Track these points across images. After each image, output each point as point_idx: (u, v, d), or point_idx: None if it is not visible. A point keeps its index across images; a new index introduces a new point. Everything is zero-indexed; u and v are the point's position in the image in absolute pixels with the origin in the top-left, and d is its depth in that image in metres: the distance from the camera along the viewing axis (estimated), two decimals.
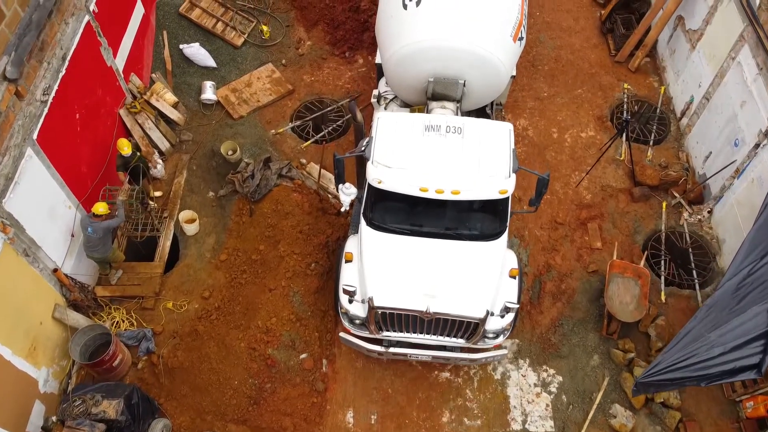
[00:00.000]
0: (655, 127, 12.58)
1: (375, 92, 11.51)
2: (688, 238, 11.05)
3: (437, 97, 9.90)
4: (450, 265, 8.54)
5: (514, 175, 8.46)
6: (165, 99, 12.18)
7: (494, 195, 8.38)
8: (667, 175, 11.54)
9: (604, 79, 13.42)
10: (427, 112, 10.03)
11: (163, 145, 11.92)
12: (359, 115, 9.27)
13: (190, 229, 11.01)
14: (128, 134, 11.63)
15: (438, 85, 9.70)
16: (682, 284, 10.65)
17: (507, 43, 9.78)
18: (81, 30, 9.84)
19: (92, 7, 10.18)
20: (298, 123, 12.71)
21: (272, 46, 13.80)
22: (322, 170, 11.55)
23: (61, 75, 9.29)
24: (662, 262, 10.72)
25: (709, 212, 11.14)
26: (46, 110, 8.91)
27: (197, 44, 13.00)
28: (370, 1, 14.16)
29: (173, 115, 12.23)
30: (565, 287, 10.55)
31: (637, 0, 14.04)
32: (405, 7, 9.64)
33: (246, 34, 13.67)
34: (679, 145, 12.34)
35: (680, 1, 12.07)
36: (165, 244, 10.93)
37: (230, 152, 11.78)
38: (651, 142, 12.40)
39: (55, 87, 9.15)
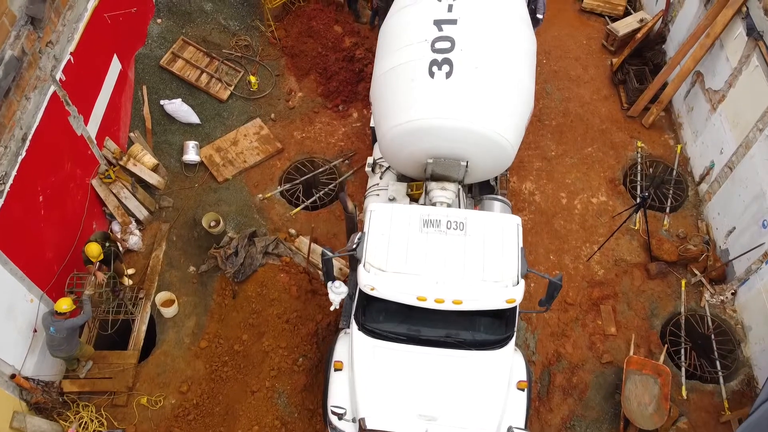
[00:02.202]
0: (671, 191, 11.68)
1: (369, 159, 10.62)
2: (710, 323, 10.15)
3: (437, 177, 8.99)
4: (451, 380, 7.64)
5: (522, 282, 7.55)
6: (143, 162, 11.30)
7: (501, 305, 7.48)
8: (687, 250, 10.64)
9: (616, 136, 12.51)
10: (425, 192, 9.14)
11: (141, 213, 11.03)
12: (350, 205, 8.37)
13: (168, 312, 10.12)
14: (102, 205, 10.74)
15: (438, 166, 8.79)
16: (704, 377, 9.75)
17: (517, 123, 8.88)
18: (45, 103, 8.96)
19: (59, 75, 9.29)
20: (287, 186, 11.81)
21: (261, 99, 12.90)
22: (313, 244, 10.65)
23: (20, 158, 8.41)
24: (682, 351, 9.81)
25: (732, 294, 10.24)
26: (1, 202, 8.02)
27: (179, 100, 12.09)
28: (366, 50, 13.28)
29: (152, 179, 11.35)
30: (576, 381, 9.64)
31: (651, 49, 13.14)
32: (432, 75, 8.51)
33: (233, 86, 12.76)
34: (698, 213, 11.44)
35: (699, 58, 11.16)
36: (140, 329, 10.03)
37: (213, 223, 10.89)
38: (668, 209, 11.50)
39: (13, 173, 8.26)
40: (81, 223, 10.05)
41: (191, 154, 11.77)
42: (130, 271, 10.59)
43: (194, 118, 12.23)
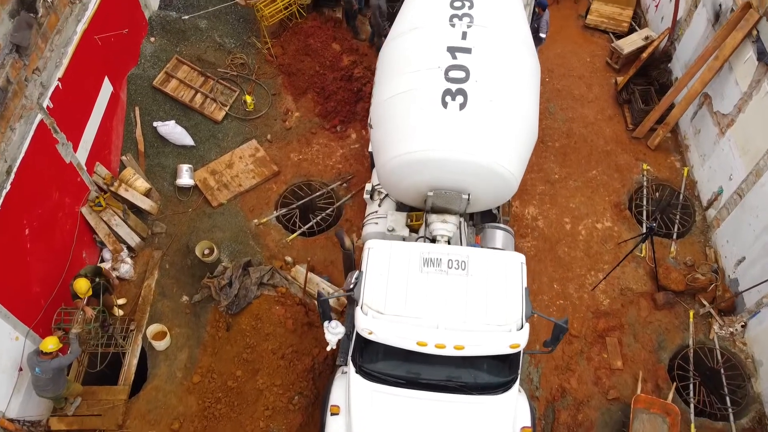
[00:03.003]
0: (678, 216, 11.36)
1: (367, 186, 10.28)
2: (719, 356, 9.83)
3: (438, 210, 8.67)
4: (453, 427, 7.32)
5: (527, 325, 7.23)
6: (135, 187, 10.98)
7: (504, 350, 7.16)
8: (695, 280, 10.33)
9: (621, 158, 12.20)
10: (425, 225, 8.81)
11: (133, 240, 10.71)
12: (347, 242, 8.06)
13: (160, 345, 9.79)
14: (92, 232, 10.43)
15: (439, 199, 8.47)
16: (714, 414, 9.43)
17: (522, 155, 8.58)
18: (32, 133, 8.64)
19: (46, 102, 8.97)
20: (283, 211, 11.48)
21: (257, 119, 12.57)
22: (310, 273, 10.33)
23: (5, 192, 8.09)
24: (691, 386, 9.49)
25: (742, 326, 9.93)
26: None
27: (173, 122, 11.77)
28: (365, 68, 12.97)
29: (144, 204, 11.02)
30: (582, 418, 9.32)
31: (656, 68, 12.83)
32: (445, 105, 8.07)
33: (228, 107, 12.44)
34: (705, 239, 11.12)
35: (707, 81, 10.85)
36: (131, 363, 9.70)
37: (206, 251, 10.56)
38: (674, 235, 11.19)
39: None
40: (70, 253, 9.73)
41: (185, 177, 11.45)
42: (121, 301, 10.27)
43: (188, 140, 11.90)
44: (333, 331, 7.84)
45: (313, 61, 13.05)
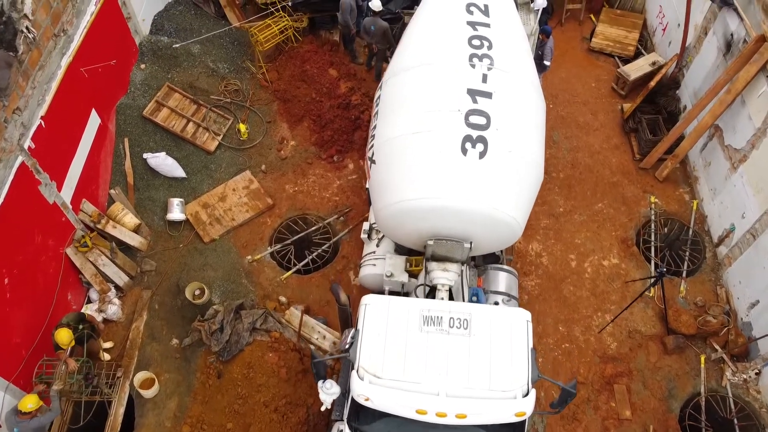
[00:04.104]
0: (688, 253, 10.94)
1: (365, 225, 9.87)
2: (732, 405, 9.41)
3: (438, 258, 8.25)
4: None
5: (533, 392, 6.80)
6: (124, 223, 10.56)
7: (509, 419, 6.73)
8: (706, 323, 9.92)
9: (628, 190, 11.78)
10: (425, 273, 8.39)
11: (121, 279, 10.29)
12: (343, 297, 7.63)
13: (148, 394, 9.36)
14: (78, 272, 10.00)
15: (440, 247, 8.05)
16: None
17: (529, 202, 8.18)
18: (12, 176, 8.23)
19: (27, 144, 8.55)
20: (278, 247, 11.06)
21: (251, 148, 12.15)
22: (305, 316, 9.91)
23: None
24: None
25: (756, 373, 9.51)
26: None
27: (163, 153, 11.34)
28: (363, 94, 12.56)
29: (134, 241, 10.61)
30: None
31: (664, 94, 12.41)
32: (464, 152, 7.56)
33: (221, 136, 12.02)
34: (716, 278, 10.70)
35: (719, 114, 10.43)
36: (117, 412, 9.25)
37: (197, 292, 10.15)
38: (684, 273, 10.77)
39: None
40: (54, 297, 9.31)
41: (176, 212, 11.03)
42: (108, 345, 9.86)
43: (179, 172, 11.48)
44: (328, 392, 7.38)
45: (309, 87, 12.63)
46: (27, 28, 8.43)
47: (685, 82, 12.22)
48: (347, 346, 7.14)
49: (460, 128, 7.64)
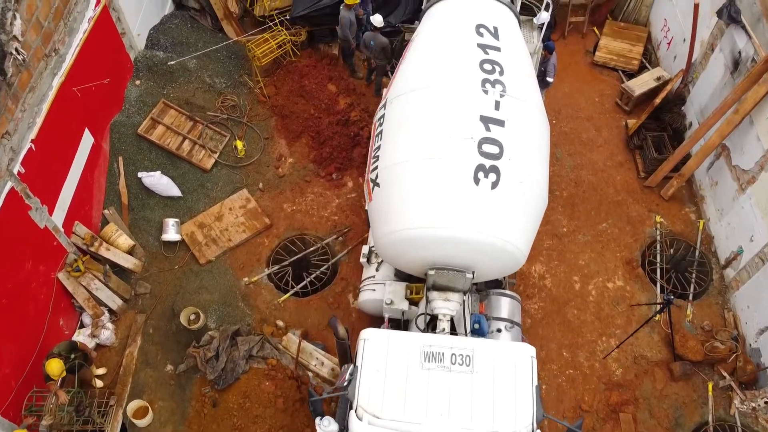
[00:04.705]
0: (694, 275, 10.71)
1: (364, 249, 9.66)
2: None
3: (439, 287, 8.01)
4: None
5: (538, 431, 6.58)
6: (118, 245, 10.32)
7: None
8: (714, 349, 9.69)
9: (633, 209, 11.54)
10: (426, 302, 8.15)
11: (115, 303, 10.06)
12: (341, 330, 7.40)
13: (142, 423, 9.14)
14: (71, 297, 9.77)
15: (441, 277, 7.82)
16: None
17: (534, 231, 7.96)
18: (0, 203, 7.98)
19: (17, 168, 8.32)
20: (275, 269, 10.83)
21: (248, 166, 11.91)
22: (303, 342, 9.67)
23: None
24: None
25: (766, 402, 9.27)
26: None
27: (158, 172, 11.10)
28: (362, 110, 12.32)
29: (128, 263, 10.37)
30: None
31: (670, 111, 12.18)
32: (477, 182, 7.31)
33: (217, 153, 11.78)
34: (723, 301, 10.47)
35: (726, 135, 10.20)
36: None
37: (192, 317, 9.93)
38: (690, 296, 10.54)
39: None
40: (45, 324, 9.08)
41: (171, 233, 10.80)
42: (101, 371, 9.62)
43: (175, 191, 11.24)
44: (326, 429, 7.11)
45: (307, 103, 12.40)
46: (16, 49, 8.19)
47: (690, 98, 11.99)
48: (345, 383, 6.90)
49: (473, 157, 7.39)
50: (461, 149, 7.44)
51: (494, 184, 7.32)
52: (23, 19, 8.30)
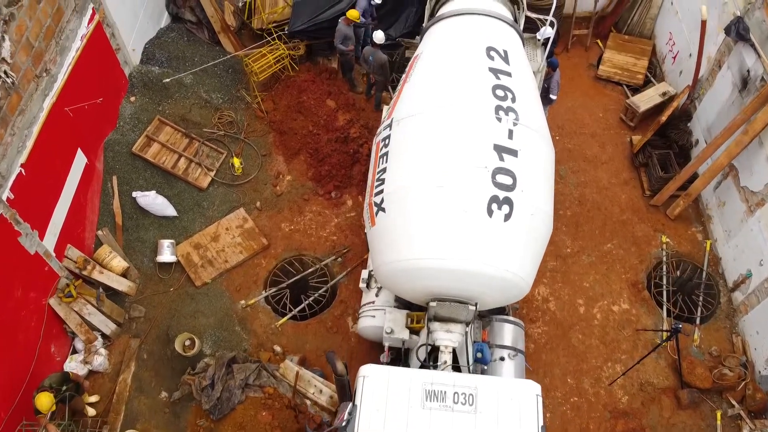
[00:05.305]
0: (701, 298, 10.46)
1: (364, 273, 9.38)
2: None
3: (441, 319, 7.76)
4: None
5: None
6: (112, 268, 10.09)
7: None
8: (722, 377, 9.44)
9: (638, 229, 11.29)
10: (428, 332, 7.90)
11: (108, 327, 9.82)
12: (340, 366, 7.15)
13: None
14: (62, 322, 9.53)
15: (443, 309, 7.57)
16: None
17: (538, 261, 7.72)
18: None
19: (5, 195, 8.08)
20: (272, 291, 10.58)
21: (245, 184, 11.66)
22: (301, 369, 9.42)
23: None
24: None
25: None
26: None
27: (153, 192, 10.86)
28: (362, 126, 12.08)
29: (122, 286, 10.14)
30: None
31: (675, 127, 11.93)
32: (490, 213, 7.01)
33: (214, 171, 11.53)
34: (731, 325, 10.23)
35: (734, 155, 9.96)
36: None
37: (188, 342, 9.69)
38: (698, 320, 10.30)
39: None
40: (35, 352, 8.84)
41: (166, 254, 10.56)
42: (93, 399, 9.39)
43: (170, 211, 11.00)
44: None
45: (306, 119, 12.15)
46: (5, 72, 7.97)
47: (697, 115, 11.74)
48: (344, 423, 6.66)
49: (487, 187, 7.10)
50: (475, 179, 7.13)
51: (507, 217, 7.06)
52: (12, 41, 8.07)
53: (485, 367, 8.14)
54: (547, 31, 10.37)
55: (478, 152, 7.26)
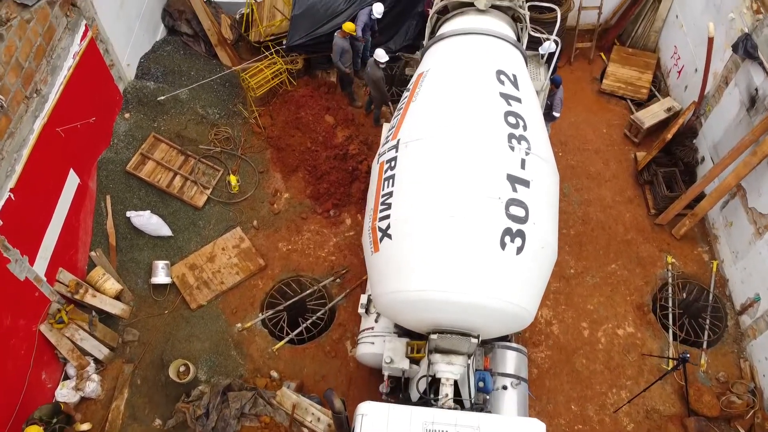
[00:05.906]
0: (708, 321, 10.23)
1: (363, 298, 9.13)
2: None
3: (443, 351, 7.53)
4: None
5: None
6: (105, 290, 9.86)
7: None
8: (731, 404, 9.21)
9: (643, 249, 11.06)
10: (429, 363, 7.66)
11: (101, 352, 9.59)
12: (338, 404, 6.90)
13: None
14: (53, 348, 9.29)
15: (444, 342, 7.33)
16: None
17: (542, 291, 7.49)
18: None
19: None
20: (269, 314, 10.35)
21: (242, 202, 11.43)
22: (299, 397, 9.18)
23: None
24: None
25: None
26: None
27: (148, 212, 10.62)
28: (361, 142, 11.86)
29: (115, 309, 9.90)
30: None
31: (681, 144, 11.69)
32: (503, 246, 6.71)
33: (210, 189, 11.30)
34: (739, 350, 10.00)
35: (743, 176, 9.73)
36: None
37: (182, 368, 9.45)
38: (704, 344, 10.06)
39: None
40: (26, 380, 8.60)
41: (161, 276, 10.32)
42: (86, 427, 9.13)
43: (165, 231, 10.77)
44: None
45: (304, 136, 11.92)
46: None
47: (703, 131, 11.50)
48: None
49: (500, 219, 6.81)
50: (488, 210, 6.84)
51: (519, 250, 6.81)
52: (1, 63, 7.84)
53: (487, 396, 7.92)
54: (550, 46, 10.13)
55: (492, 182, 6.98)
